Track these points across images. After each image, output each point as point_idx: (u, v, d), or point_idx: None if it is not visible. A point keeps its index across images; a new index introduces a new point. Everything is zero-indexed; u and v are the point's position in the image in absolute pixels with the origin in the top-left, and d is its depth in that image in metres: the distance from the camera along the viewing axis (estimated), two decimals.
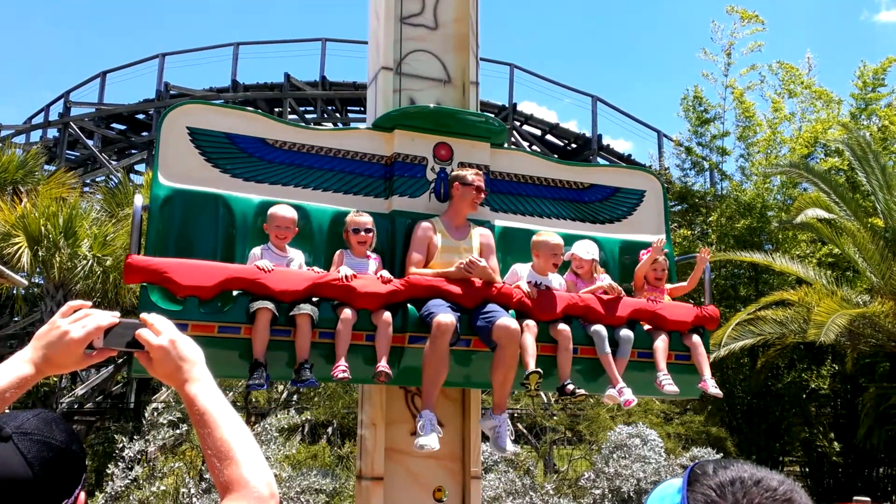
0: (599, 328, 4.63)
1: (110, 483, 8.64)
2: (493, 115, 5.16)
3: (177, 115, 4.44)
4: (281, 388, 17.42)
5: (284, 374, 4.15)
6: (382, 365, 4.09)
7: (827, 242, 13.47)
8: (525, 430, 17.07)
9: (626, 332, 4.68)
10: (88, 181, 24.79)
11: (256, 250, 4.29)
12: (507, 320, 4.23)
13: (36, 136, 27.18)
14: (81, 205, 15.16)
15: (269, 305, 4.02)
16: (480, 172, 4.67)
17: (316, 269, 4.34)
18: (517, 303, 4.47)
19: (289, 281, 4.13)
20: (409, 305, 4.32)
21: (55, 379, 13.92)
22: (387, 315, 4.23)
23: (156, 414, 9.64)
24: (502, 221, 4.99)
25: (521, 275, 4.71)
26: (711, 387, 4.81)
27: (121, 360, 21.89)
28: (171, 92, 25.91)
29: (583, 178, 5.28)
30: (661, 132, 26.12)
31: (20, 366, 1.50)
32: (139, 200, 4.16)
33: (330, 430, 17.60)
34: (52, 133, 26.80)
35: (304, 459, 12.80)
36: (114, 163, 25.35)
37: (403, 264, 4.57)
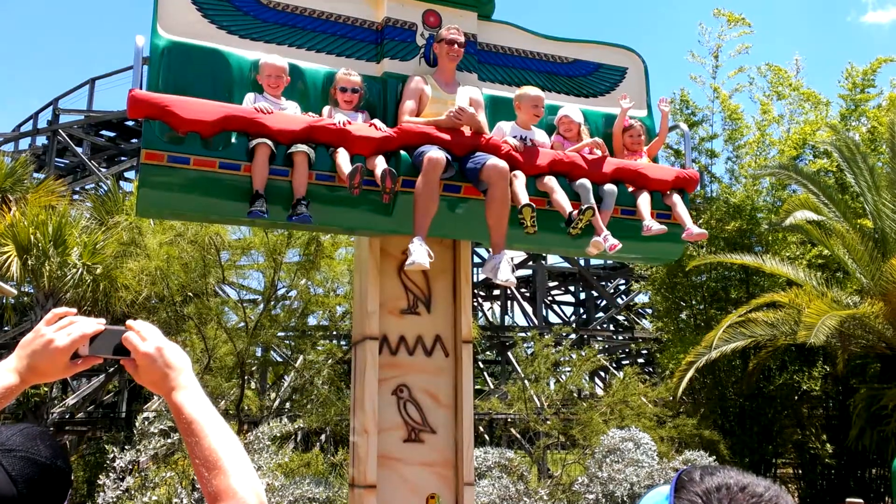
0: (584, 181, 4.84)
1: (102, 494, 8.58)
2: None
3: None
4: (274, 395, 17.37)
5: (282, 216, 4.30)
6: (383, 166, 4.30)
7: (816, 244, 13.52)
8: (518, 436, 17.08)
9: (610, 187, 4.91)
10: (78, 189, 24.69)
11: (251, 95, 4.44)
12: (495, 160, 4.45)
13: (25, 143, 27.05)
14: (71, 213, 15.10)
15: (268, 141, 4.20)
16: (455, 27, 4.85)
17: (311, 114, 4.53)
18: (505, 155, 4.64)
19: (287, 121, 4.33)
20: (401, 152, 4.53)
21: (45, 389, 13.82)
22: (380, 158, 4.44)
23: (147, 423, 9.58)
24: (490, 90, 5.16)
25: (505, 131, 4.90)
26: (695, 229, 4.99)
27: (111, 370, 21.77)
28: None
29: (567, 52, 5.49)
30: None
31: (4, 375, 1.48)
32: (140, 40, 4.27)
33: (323, 437, 17.55)
34: (41, 141, 26.69)
35: (297, 468, 12.75)
36: (103, 170, 25.25)
37: (394, 125, 4.72)
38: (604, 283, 28.21)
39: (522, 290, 29.34)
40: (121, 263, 13.90)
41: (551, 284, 30.09)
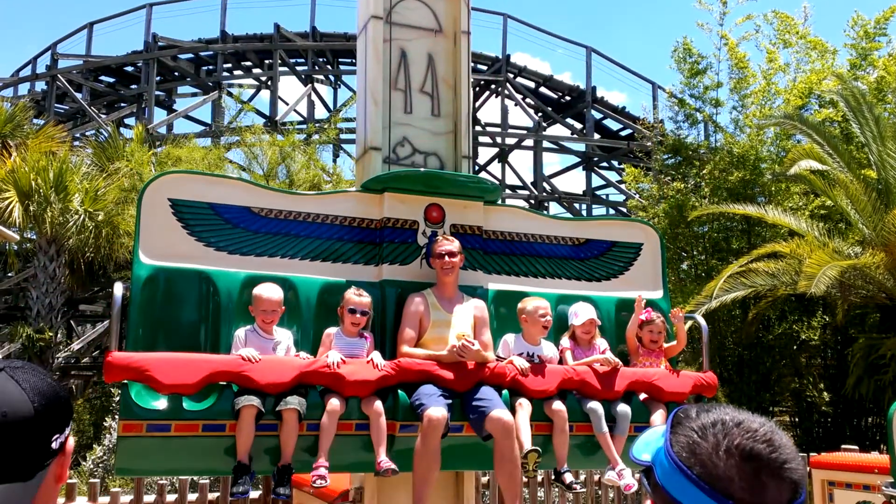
0: (596, 406, 4.51)
1: (108, 436, 8.72)
2: (486, 178, 5.12)
3: (158, 186, 4.29)
4: None
5: (270, 469, 4.01)
6: (384, 461, 3.97)
7: (820, 194, 13.46)
8: None
9: (623, 408, 4.57)
10: (78, 135, 24.56)
11: (241, 333, 4.14)
12: (499, 412, 4.08)
13: (24, 89, 26.83)
14: (71, 159, 15.05)
15: (255, 402, 3.85)
16: (446, 237, 4.57)
17: (303, 354, 4.19)
18: (510, 382, 4.36)
19: (275, 372, 3.96)
20: (399, 392, 4.20)
21: (51, 334, 13.94)
22: (378, 405, 4.10)
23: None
24: (496, 285, 4.88)
25: (511, 346, 4.61)
26: None
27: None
28: (160, 43, 25.54)
29: (578, 233, 5.19)
30: (655, 84, 25.91)
31: None
32: (119, 289, 3.97)
33: None
34: (41, 86, 26.46)
35: None
36: (103, 116, 25.08)
37: (394, 334, 4.48)
38: None
39: None
40: (123, 210, 13.91)
41: None
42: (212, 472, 4.39)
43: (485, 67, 27.12)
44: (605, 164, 28.40)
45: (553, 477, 4.44)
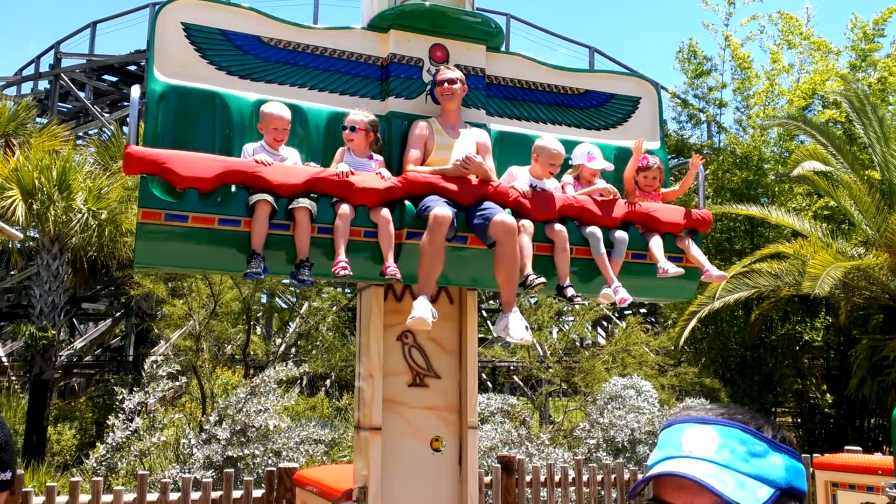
0: (594, 229, 4.70)
1: (111, 434, 8.73)
2: (491, 19, 5.08)
3: (171, 10, 4.38)
4: (279, 341, 17.54)
5: (283, 269, 4.17)
6: (391, 266, 4.14)
7: (823, 195, 13.46)
8: (521, 383, 17.26)
9: (620, 234, 4.76)
10: (81, 134, 24.59)
11: (249, 147, 4.29)
12: (503, 216, 4.26)
13: (27, 87, 26.86)
14: (75, 158, 15.06)
15: (268, 198, 4.05)
16: (449, 67, 4.68)
17: (313, 164, 4.37)
18: (513, 202, 4.50)
19: (287, 174, 4.17)
20: (406, 202, 4.35)
21: (53, 333, 13.96)
22: (385, 212, 4.26)
23: (155, 367, 9.70)
24: (499, 126, 5.00)
25: (517, 177, 4.74)
26: (715, 271, 4.87)
27: (118, 314, 21.96)
28: None
29: (578, 83, 5.29)
30: (658, 84, 25.90)
31: None
32: (136, 90, 4.14)
33: (328, 382, 17.77)
34: (44, 85, 26.49)
35: (302, 411, 12.94)
36: (106, 115, 25.10)
37: (400, 165, 4.60)
38: None
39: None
40: (126, 209, 13.92)
41: None
42: (225, 268, 4.48)
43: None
44: None
45: (556, 292, 4.57)
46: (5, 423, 1.37)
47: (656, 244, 4.82)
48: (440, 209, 4.17)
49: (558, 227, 4.60)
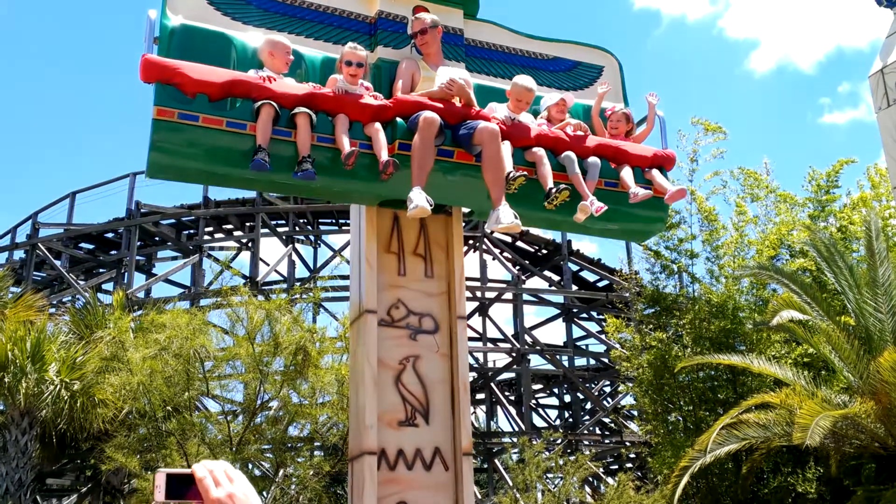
0: (569, 153, 5.15)
1: None
2: None
3: None
4: None
5: (286, 173, 4.50)
6: (386, 157, 4.55)
7: (801, 342, 13.54)
8: None
9: (593, 160, 5.24)
10: (55, 302, 24.39)
11: (252, 71, 4.66)
12: (487, 123, 4.74)
13: (2, 257, 26.87)
14: (49, 327, 14.85)
15: (273, 103, 4.46)
16: (419, 19, 5.15)
17: (312, 84, 4.78)
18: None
19: (289, 87, 4.63)
20: (397, 119, 4.78)
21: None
22: (377, 125, 4.69)
23: None
24: (477, 80, 5.44)
25: (496, 110, 5.16)
26: (674, 188, 5.35)
27: (84, 490, 20.94)
28: (142, 210, 25.94)
29: (547, 50, 5.92)
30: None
31: None
32: (152, 14, 4.56)
33: None
34: (19, 255, 26.53)
35: None
36: (81, 282, 25.05)
37: (391, 97, 4.97)
38: (589, 385, 27.97)
39: (507, 393, 28.99)
40: (101, 379, 13.61)
41: (536, 387, 29.77)
42: (233, 175, 4.72)
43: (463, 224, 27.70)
44: (584, 314, 28.58)
45: (545, 197, 4.89)
46: None
47: (626, 173, 5.32)
48: (428, 113, 4.66)
49: (536, 149, 5.09)
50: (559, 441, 21.39)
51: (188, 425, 11.77)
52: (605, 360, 25.56)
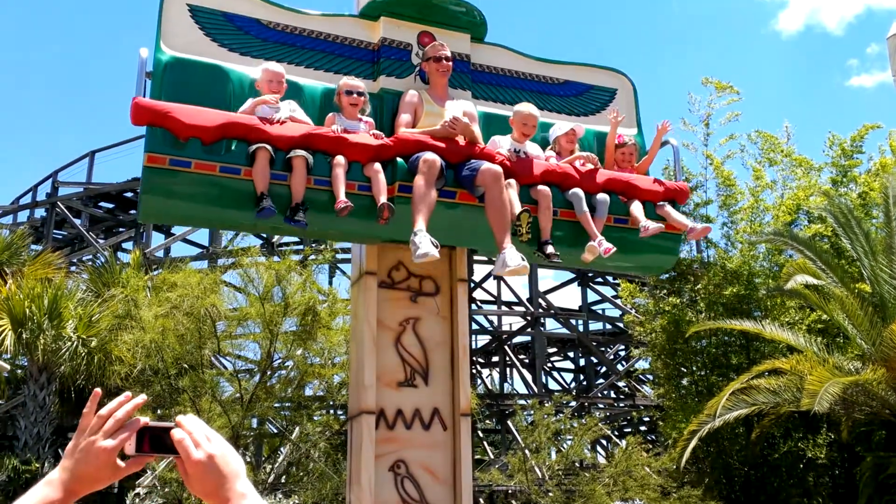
0: (577, 190, 4.95)
1: None
2: (475, 7, 5.44)
3: None
4: (269, 468, 17.02)
5: (281, 216, 4.34)
6: (383, 200, 4.37)
7: (815, 309, 13.46)
8: None
9: (602, 196, 5.03)
10: (75, 260, 24.67)
11: (249, 100, 4.53)
12: (490, 165, 4.55)
13: (23, 216, 27.16)
14: (67, 285, 15.06)
15: (268, 147, 4.30)
16: (441, 44, 4.96)
17: (309, 122, 4.62)
18: (499, 164, 4.69)
19: (285, 129, 4.43)
20: (398, 159, 4.59)
21: (37, 465, 13.53)
22: (377, 165, 4.52)
23: (138, 500, 9.37)
24: (484, 108, 5.25)
25: (500, 144, 4.98)
26: (700, 225, 5.24)
27: None
28: None
29: (558, 74, 5.64)
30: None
31: (44, 490, 1.39)
32: (144, 51, 4.43)
33: None
34: (40, 213, 26.79)
35: None
36: (101, 241, 25.28)
37: (392, 131, 4.82)
38: (603, 349, 28.01)
39: (521, 356, 29.10)
40: (116, 336, 13.82)
41: (550, 351, 29.86)
42: (228, 220, 4.63)
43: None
44: (599, 279, 28.53)
45: (537, 248, 4.78)
46: None
47: (637, 208, 5.11)
48: (430, 154, 4.48)
49: (542, 188, 4.87)
50: (571, 404, 21.49)
51: (200, 383, 11.96)
52: (620, 325, 25.56)
